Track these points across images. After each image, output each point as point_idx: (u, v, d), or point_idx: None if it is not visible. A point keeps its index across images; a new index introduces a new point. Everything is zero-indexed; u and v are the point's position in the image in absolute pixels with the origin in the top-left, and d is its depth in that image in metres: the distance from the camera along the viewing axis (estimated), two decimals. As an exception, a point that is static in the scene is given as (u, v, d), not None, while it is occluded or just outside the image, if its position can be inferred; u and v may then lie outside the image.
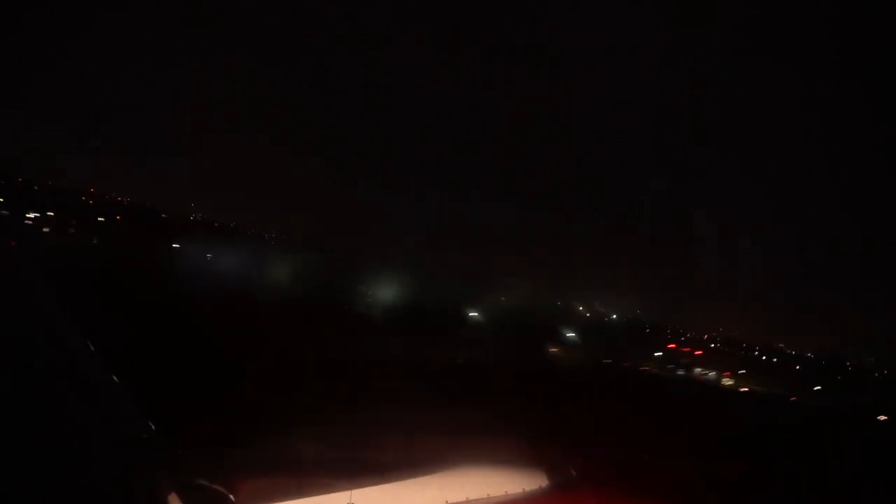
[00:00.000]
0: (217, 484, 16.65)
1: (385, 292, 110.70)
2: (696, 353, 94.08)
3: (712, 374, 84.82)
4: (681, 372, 77.59)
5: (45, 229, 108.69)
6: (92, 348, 17.39)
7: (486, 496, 26.56)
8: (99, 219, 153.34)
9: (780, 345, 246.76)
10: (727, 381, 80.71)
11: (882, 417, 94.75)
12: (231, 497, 17.08)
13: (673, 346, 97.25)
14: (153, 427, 16.55)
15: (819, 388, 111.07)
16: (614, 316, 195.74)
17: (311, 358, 52.90)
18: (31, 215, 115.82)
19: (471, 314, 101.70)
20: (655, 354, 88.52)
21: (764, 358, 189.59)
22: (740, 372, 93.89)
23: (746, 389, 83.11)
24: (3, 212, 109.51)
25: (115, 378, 16.80)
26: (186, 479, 15.88)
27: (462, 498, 25.53)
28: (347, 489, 22.21)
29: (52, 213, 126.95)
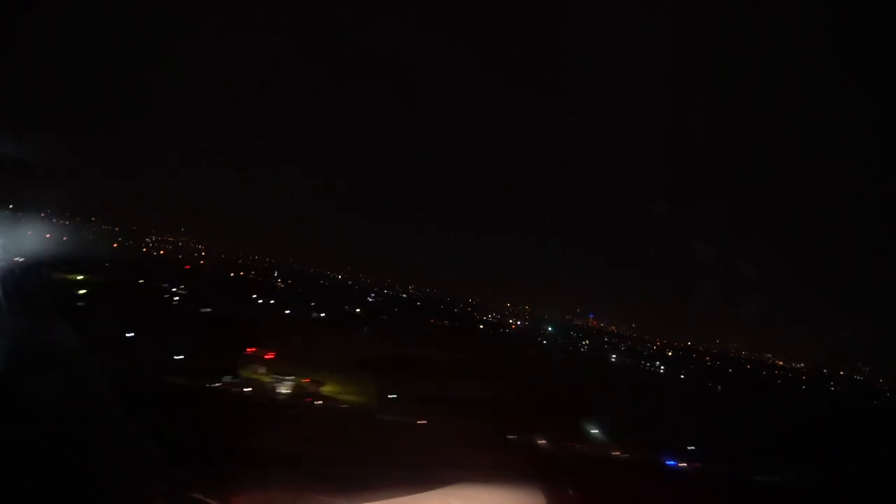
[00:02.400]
0: (212, 498, 17.46)
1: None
2: (267, 356, 65.32)
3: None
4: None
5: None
6: (95, 366, 18.40)
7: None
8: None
9: (768, 355, 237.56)
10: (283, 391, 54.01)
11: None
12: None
13: (252, 349, 68.32)
14: (151, 443, 17.46)
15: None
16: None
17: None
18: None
19: None
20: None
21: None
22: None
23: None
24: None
25: (115, 395, 17.81)
26: (182, 493, 16.74)
27: None
28: (343, 505, 22.77)
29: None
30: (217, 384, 50.06)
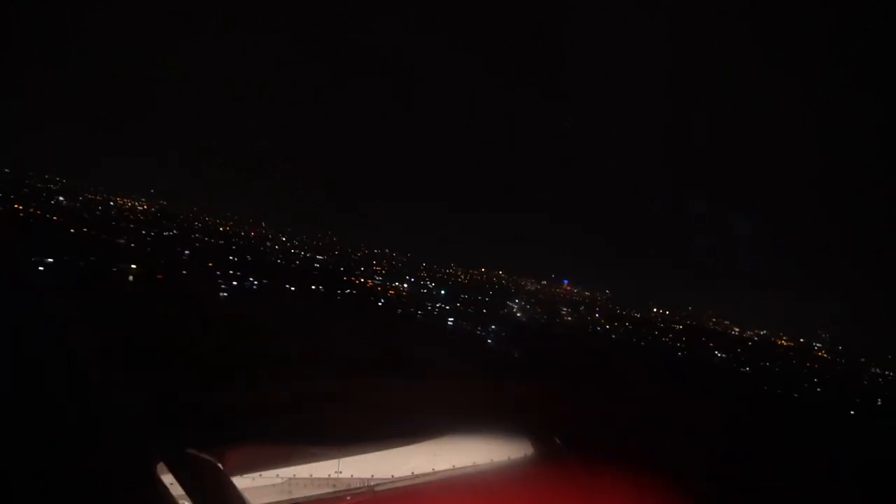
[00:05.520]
0: (205, 453, 16.94)
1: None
2: None
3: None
4: None
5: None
6: (78, 320, 17.42)
7: (471, 464, 27.19)
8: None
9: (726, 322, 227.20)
10: None
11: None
12: (219, 465, 17.42)
13: None
14: (142, 398, 16.72)
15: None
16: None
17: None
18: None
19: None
20: None
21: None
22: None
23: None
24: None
25: (102, 351, 16.90)
26: (174, 448, 16.15)
27: (448, 465, 26.14)
28: (335, 458, 22.68)
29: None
30: None
